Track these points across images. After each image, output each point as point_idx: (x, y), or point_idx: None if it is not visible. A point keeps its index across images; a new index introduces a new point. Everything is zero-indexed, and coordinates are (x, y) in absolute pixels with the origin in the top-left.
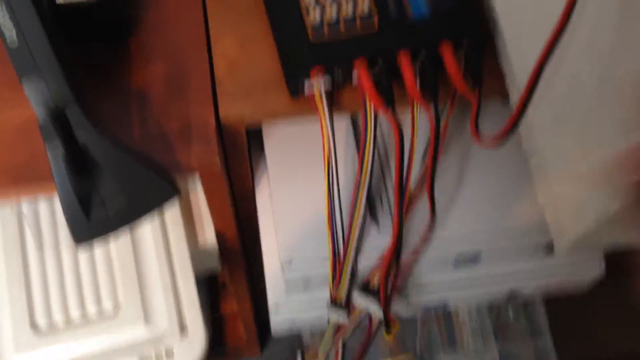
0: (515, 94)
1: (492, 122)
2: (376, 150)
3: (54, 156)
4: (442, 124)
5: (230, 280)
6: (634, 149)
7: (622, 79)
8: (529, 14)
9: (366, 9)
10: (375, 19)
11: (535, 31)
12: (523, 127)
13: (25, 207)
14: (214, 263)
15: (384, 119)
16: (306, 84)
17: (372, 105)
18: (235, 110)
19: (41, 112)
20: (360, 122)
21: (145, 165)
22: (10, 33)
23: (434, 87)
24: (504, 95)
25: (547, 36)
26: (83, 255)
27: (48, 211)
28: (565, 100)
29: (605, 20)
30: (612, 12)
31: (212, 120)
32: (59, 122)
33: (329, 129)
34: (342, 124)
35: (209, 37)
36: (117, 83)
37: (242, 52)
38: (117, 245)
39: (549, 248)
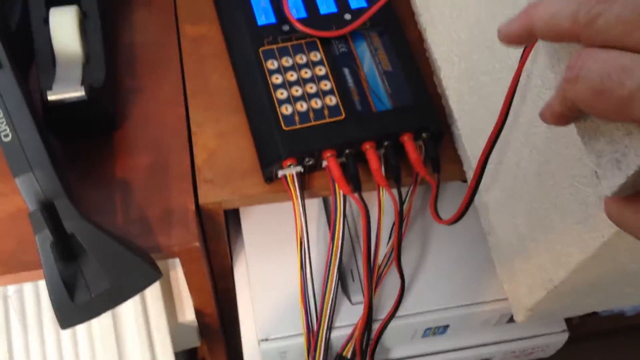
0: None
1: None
2: (346, 229)
3: (42, 245)
4: (405, 204)
5: (210, 355)
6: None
7: (554, 172)
8: (478, 111)
9: (333, 102)
10: (343, 112)
11: (483, 124)
12: (480, 208)
13: (11, 289)
14: (193, 339)
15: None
16: (280, 172)
17: (341, 190)
18: (214, 196)
19: (32, 204)
20: (331, 204)
21: (129, 250)
22: (4, 128)
23: (397, 172)
24: (464, 179)
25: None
26: (65, 333)
27: (33, 292)
28: (512, 184)
29: (537, 119)
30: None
31: (192, 206)
32: (48, 214)
33: (301, 211)
34: (315, 202)
35: (190, 129)
36: (103, 173)
37: (221, 142)
38: (99, 323)
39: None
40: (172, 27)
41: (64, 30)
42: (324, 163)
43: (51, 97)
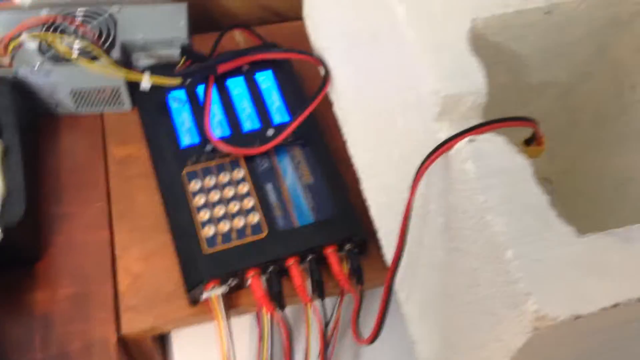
0: None
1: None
2: (273, 347)
3: None
4: (334, 316)
5: None
6: None
7: (459, 289)
8: (393, 225)
9: (255, 220)
10: (265, 229)
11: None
12: (405, 319)
13: None
14: None
15: None
16: (204, 294)
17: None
18: (138, 323)
19: None
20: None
21: None
22: None
23: (320, 288)
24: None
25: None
26: None
27: None
28: (425, 298)
29: (437, 241)
30: (440, 243)
31: (113, 338)
32: None
33: (227, 332)
34: (244, 319)
35: (114, 254)
36: (23, 307)
37: (146, 265)
38: None
39: None
40: (99, 149)
41: None
42: (248, 282)
43: None
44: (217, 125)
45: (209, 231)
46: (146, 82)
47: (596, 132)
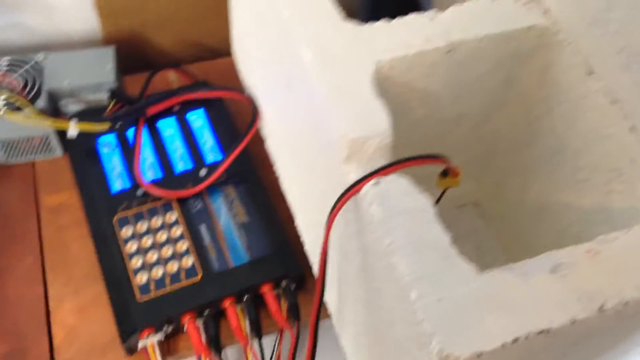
0: None
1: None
2: None
3: None
4: (274, 357)
5: None
6: None
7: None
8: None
9: (190, 264)
10: (199, 272)
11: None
12: (344, 352)
13: None
14: None
15: None
16: (140, 343)
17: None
18: None
19: None
20: None
21: None
22: None
23: (257, 328)
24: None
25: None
26: None
27: None
28: (356, 335)
29: (359, 279)
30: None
31: None
32: None
33: None
34: None
35: (48, 307)
36: None
37: (81, 317)
38: None
39: None
40: (31, 199)
41: None
42: (185, 327)
43: None
44: (148, 168)
45: (141, 278)
46: (73, 130)
47: (513, 159)
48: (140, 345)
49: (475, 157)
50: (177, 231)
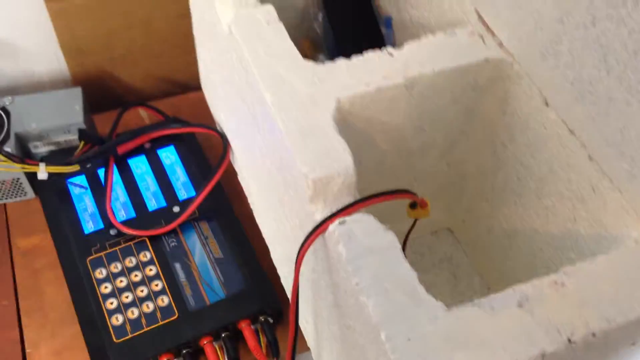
0: None
1: None
2: None
3: None
4: None
5: None
6: None
7: None
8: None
9: (165, 303)
10: (176, 311)
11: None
12: None
13: None
14: None
15: None
16: None
17: None
18: None
19: None
20: None
21: None
22: None
23: None
24: None
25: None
26: None
27: None
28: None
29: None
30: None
31: None
32: None
33: None
34: None
35: (24, 352)
36: None
37: None
38: None
39: None
40: (4, 242)
41: None
42: None
43: None
44: (120, 207)
45: (117, 320)
46: (42, 172)
47: (481, 185)
48: None
49: (445, 184)
50: (152, 270)
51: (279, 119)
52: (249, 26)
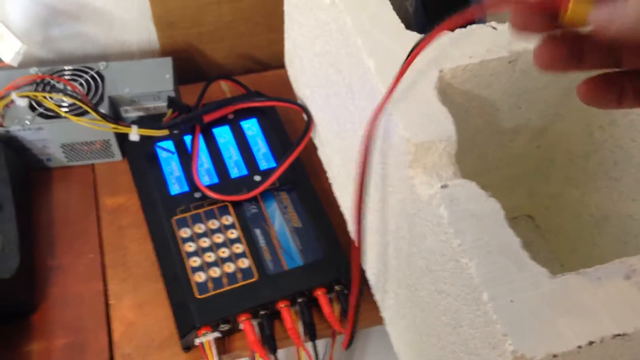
0: None
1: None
2: None
3: None
4: (326, 358)
5: None
6: None
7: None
8: (379, 262)
9: (246, 265)
10: (255, 273)
11: (386, 276)
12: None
13: None
14: None
15: None
16: (197, 340)
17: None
18: None
19: None
20: None
21: None
22: None
23: (311, 330)
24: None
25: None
26: None
27: None
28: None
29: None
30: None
31: None
32: None
33: None
34: None
35: (107, 303)
36: (19, 359)
37: (139, 313)
38: None
39: None
40: (91, 200)
41: None
42: (241, 326)
43: None
44: (205, 173)
45: (200, 277)
46: (134, 134)
47: (571, 170)
48: (197, 342)
49: (531, 169)
50: (233, 234)
51: (382, 86)
52: None
